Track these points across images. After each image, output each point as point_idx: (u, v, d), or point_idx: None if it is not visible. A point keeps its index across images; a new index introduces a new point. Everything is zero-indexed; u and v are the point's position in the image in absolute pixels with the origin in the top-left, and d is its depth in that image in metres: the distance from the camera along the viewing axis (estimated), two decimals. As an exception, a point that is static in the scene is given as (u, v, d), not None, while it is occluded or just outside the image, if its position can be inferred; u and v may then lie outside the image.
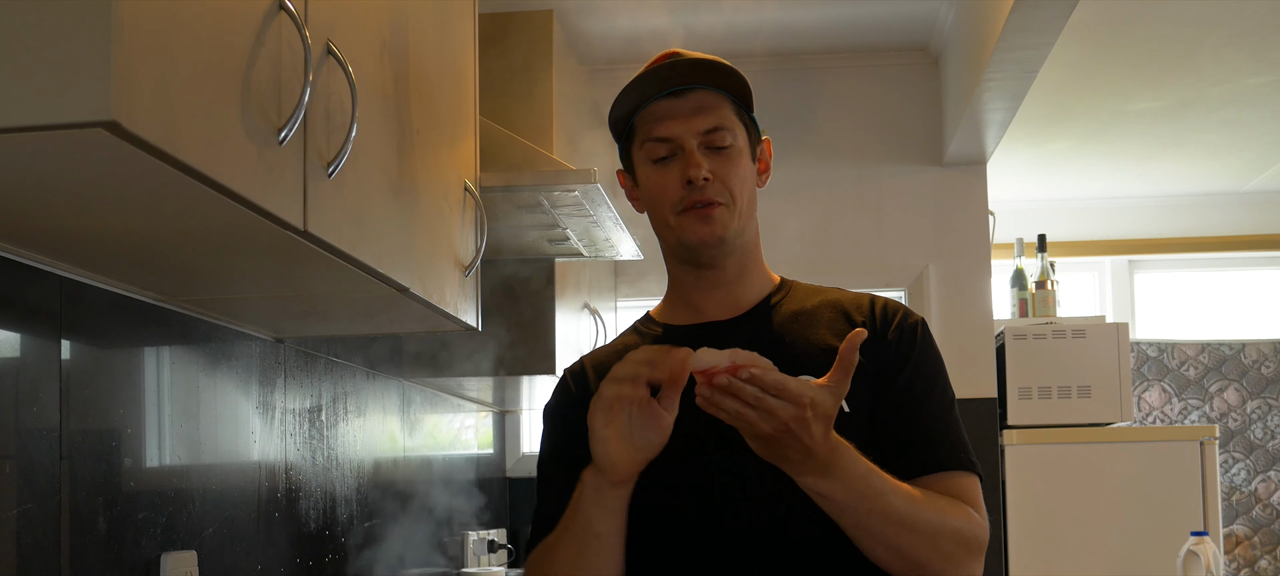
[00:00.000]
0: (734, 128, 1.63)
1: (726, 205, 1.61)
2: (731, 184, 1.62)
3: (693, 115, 1.61)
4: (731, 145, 1.62)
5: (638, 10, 3.87)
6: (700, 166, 1.60)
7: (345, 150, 1.67)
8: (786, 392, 1.36)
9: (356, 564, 2.79)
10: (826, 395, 1.38)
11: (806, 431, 1.38)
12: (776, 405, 1.36)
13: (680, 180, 1.61)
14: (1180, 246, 5.99)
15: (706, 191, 1.60)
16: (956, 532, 1.54)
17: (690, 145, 1.61)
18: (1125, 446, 4.24)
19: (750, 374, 1.36)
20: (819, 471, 1.43)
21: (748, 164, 1.65)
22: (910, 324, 1.65)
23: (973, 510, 1.58)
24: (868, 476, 1.46)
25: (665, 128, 1.62)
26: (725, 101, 1.63)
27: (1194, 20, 3.87)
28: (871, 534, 1.49)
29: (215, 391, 2.14)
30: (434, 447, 3.50)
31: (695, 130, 1.61)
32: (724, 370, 1.36)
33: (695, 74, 1.62)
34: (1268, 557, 5.90)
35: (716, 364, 1.37)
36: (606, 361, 1.70)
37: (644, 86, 1.63)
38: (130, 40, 1.15)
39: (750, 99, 1.66)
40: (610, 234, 3.08)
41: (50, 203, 1.42)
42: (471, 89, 2.49)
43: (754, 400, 1.36)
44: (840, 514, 1.47)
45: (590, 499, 1.48)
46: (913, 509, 1.49)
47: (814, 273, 1.85)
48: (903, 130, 4.43)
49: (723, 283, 1.67)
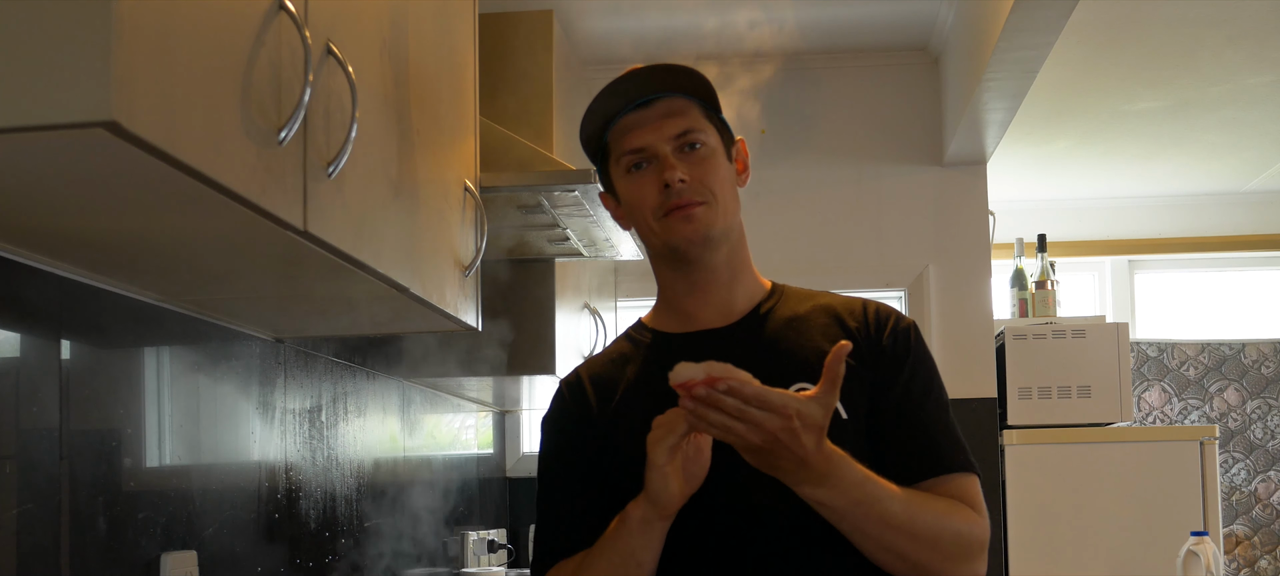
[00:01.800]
0: (705, 129, 1.64)
1: (707, 203, 1.62)
2: (710, 182, 1.62)
3: (662, 122, 1.62)
4: (704, 144, 1.63)
5: (638, 10, 3.87)
6: (675, 169, 1.60)
7: (345, 150, 1.67)
8: (768, 403, 1.37)
9: (356, 564, 2.79)
10: (814, 406, 1.39)
11: (797, 442, 1.39)
12: (760, 416, 1.37)
13: (657, 186, 1.61)
14: (1180, 246, 5.99)
15: (685, 193, 1.60)
16: (957, 534, 1.54)
17: (663, 151, 1.61)
18: (1125, 446, 4.24)
19: (728, 386, 1.36)
20: (815, 481, 1.43)
21: (723, 163, 1.65)
22: (903, 328, 1.66)
23: (972, 510, 1.58)
24: (865, 483, 1.47)
25: (636, 138, 1.63)
26: (692, 105, 1.64)
27: (1194, 20, 3.87)
28: (871, 538, 1.50)
29: (215, 391, 2.14)
30: (434, 447, 3.50)
31: (666, 135, 1.62)
32: (701, 382, 1.36)
33: (658, 82, 1.63)
34: (1268, 557, 5.90)
35: (693, 377, 1.37)
36: (603, 371, 1.71)
37: (608, 102, 1.64)
38: (130, 40, 1.15)
39: (716, 100, 1.66)
40: (610, 234, 3.08)
41: (50, 203, 1.42)
42: (471, 89, 2.49)
43: (737, 412, 1.37)
44: (839, 520, 1.48)
45: (637, 531, 1.50)
46: (911, 513, 1.50)
47: (814, 273, 1.85)
48: (903, 130, 4.42)
49: (713, 287, 1.67)
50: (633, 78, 1.63)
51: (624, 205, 1.68)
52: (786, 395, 1.38)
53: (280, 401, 2.40)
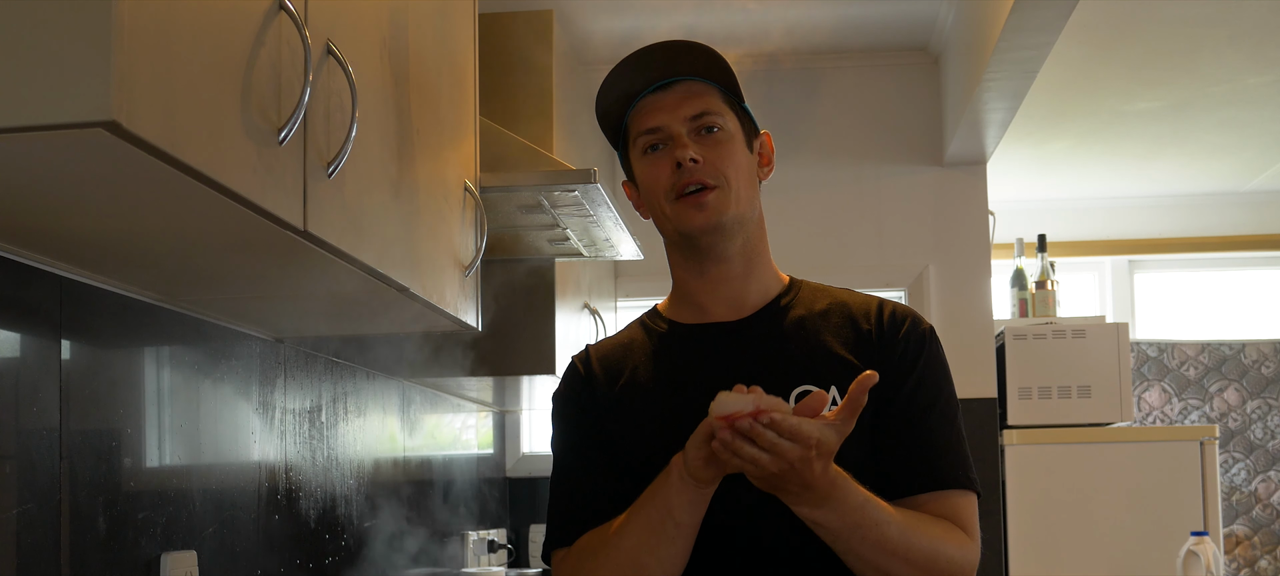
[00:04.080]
0: (723, 112, 1.62)
1: (720, 188, 1.59)
2: (723, 167, 1.60)
3: (680, 104, 1.61)
4: (721, 128, 1.61)
5: (638, 10, 3.87)
6: (687, 148, 1.58)
7: (345, 150, 1.67)
8: (800, 436, 1.36)
9: (356, 564, 2.79)
10: (831, 433, 1.38)
11: (809, 469, 1.38)
12: (788, 448, 1.36)
13: (670, 166, 1.60)
14: (1180, 246, 5.98)
15: (697, 173, 1.58)
16: (949, 561, 1.53)
17: (678, 131, 1.60)
18: (1125, 446, 4.24)
19: (771, 420, 1.36)
20: (815, 502, 1.43)
21: (741, 149, 1.63)
22: (919, 332, 1.64)
23: (966, 535, 1.57)
24: (863, 507, 1.46)
25: (653, 118, 1.61)
26: (712, 89, 1.62)
27: (1194, 20, 3.87)
28: (863, 560, 1.49)
29: (215, 391, 2.14)
30: (434, 447, 3.50)
31: (683, 116, 1.60)
32: (747, 415, 1.36)
33: (680, 65, 1.62)
34: (1268, 557, 5.90)
35: (741, 409, 1.36)
36: (612, 354, 1.69)
37: (627, 77, 1.62)
38: (130, 40, 1.15)
39: (737, 87, 1.65)
40: (610, 234, 3.08)
41: (50, 203, 1.42)
42: (471, 89, 2.49)
43: (770, 445, 1.36)
44: (833, 540, 1.48)
45: (677, 490, 1.47)
46: (906, 538, 1.49)
47: (814, 273, 1.84)
48: (903, 130, 4.42)
49: (728, 280, 1.65)
50: (652, 56, 1.61)
51: (640, 188, 1.66)
52: (813, 425, 1.37)
53: (280, 401, 2.40)
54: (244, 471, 2.24)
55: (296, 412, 2.48)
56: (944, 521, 1.56)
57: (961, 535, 1.56)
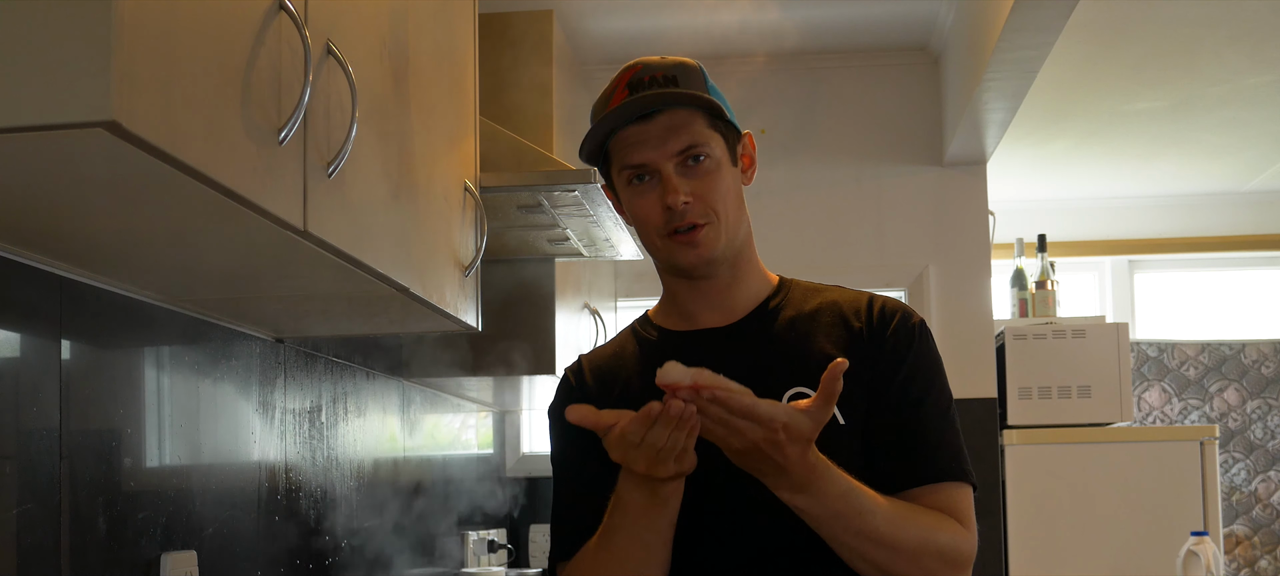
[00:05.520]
0: (708, 140, 1.59)
1: (711, 224, 1.59)
2: (713, 201, 1.58)
3: (665, 138, 1.57)
4: (708, 157, 1.58)
5: (638, 10, 3.87)
6: (677, 192, 1.56)
7: (345, 150, 1.67)
8: (756, 416, 1.36)
9: (356, 564, 2.79)
10: (804, 419, 1.37)
11: (780, 452, 1.38)
12: (744, 426, 1.36)
13: (660, 206, 1.58)
14: (1180, 246, 5.99)
15: (688, 215, 1.57)
16: (941, 551, 1.53)
17: (666, 170, 1.57)
18: (1125, 446, 4.24)
19: (714, 395, 1.35)
20: (794, 488, 1.43)
21: (728, 173, 1.61)
22: (910, 325, 1.63)
23: (960, 526, 1.56)
24: (847, 495, 1.45)
25: (639, 154, 1.58)
26: (696, 116, 1.59)
27: (1194, 20, 3.87)
28: (849, 549, 1.48)
29: (215, 391, 2.14)
30: (434, 447, 3.50)
31: (669, 153, 1.57)
32: (687, 387, 1.35)
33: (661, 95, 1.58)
34: (1268, 557, 5.90)
35: (680, 381, 1.35)
36: (604, 363, 1.70)
37: (610, 118, 1.59)
38: (130, 40, 1.15)
39: (717, 105, 1.61)
40: (610, 234, 3.08)
41: (50, 203, 1.42)
42: (471, 89, 2.49)
43: (720, 420, 1.36)
44: (818, 527, 1.47)
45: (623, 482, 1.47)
46: (894, 528, 1.49)
47: (814, 273, 1.84)
48: (903, 130, 4.42)
49: (716, 289, 1.65)
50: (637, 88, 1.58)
51: (630, 217, 1.65)
52: (775, 407, 1.36)
53: (280, 401, 2.40)
54: (244, 471, 2.24)
55: (296, 412, 2.48)
56: (937, 513, 1.55)
57: (956, 526, 1.56)
